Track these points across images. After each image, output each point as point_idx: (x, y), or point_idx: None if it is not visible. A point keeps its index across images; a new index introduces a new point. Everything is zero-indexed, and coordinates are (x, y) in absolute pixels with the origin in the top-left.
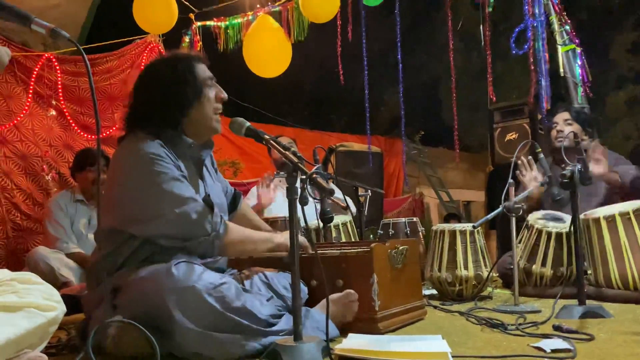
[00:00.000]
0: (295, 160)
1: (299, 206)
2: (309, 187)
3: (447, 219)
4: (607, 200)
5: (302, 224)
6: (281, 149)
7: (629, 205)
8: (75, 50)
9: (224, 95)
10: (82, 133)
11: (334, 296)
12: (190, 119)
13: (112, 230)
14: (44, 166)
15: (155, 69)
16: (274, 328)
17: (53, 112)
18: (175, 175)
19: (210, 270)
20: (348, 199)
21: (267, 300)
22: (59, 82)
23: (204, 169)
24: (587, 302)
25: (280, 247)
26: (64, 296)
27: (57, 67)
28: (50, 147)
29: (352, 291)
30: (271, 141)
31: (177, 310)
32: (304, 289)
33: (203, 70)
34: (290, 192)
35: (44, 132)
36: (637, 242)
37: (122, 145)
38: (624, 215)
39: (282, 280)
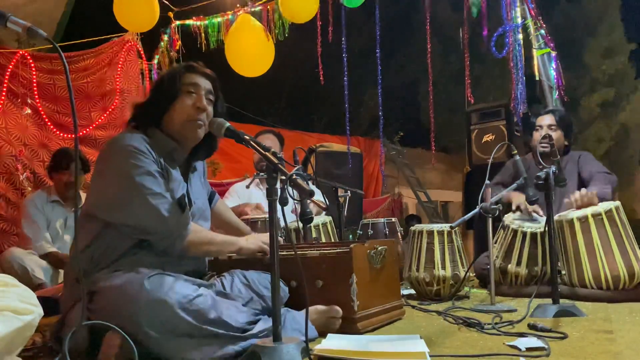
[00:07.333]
0: (276, 161)
1: (279, 207)
2: (289, 188)
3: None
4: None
5: (282, 224)
6: (261, 150)
7: (600, 207)
8: (50, 47)
9: (200, 104)
10: (57, 132)
11: (319, 307)
12: (167, 121)
13: (87, 215)
14: (18, 165)
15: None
16: (254, 330)
17: (28, 111)
18: (150, 169)
19: (184, 280)
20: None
21: (246, 303)
22: (34, 80)
23: (194, 174)
24: (561, 301)
25: (242, 251)
26: (39, 298)
27: (32, 65)
28: (25, 146)
29: (337, 308)
30: (251, 142)
31: (148, 324)
32: (285, 289)
33: (189, 78)
34: (270, 193)
35: (18, 131)
36: (609, 242)
37: (113, 136)
38: (597, 216)
39: (262, 280)
